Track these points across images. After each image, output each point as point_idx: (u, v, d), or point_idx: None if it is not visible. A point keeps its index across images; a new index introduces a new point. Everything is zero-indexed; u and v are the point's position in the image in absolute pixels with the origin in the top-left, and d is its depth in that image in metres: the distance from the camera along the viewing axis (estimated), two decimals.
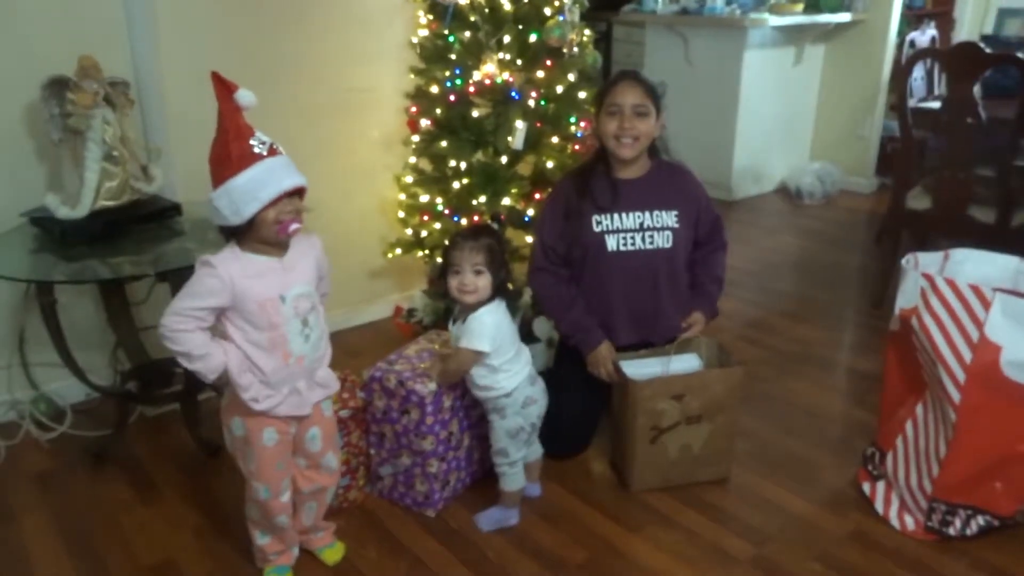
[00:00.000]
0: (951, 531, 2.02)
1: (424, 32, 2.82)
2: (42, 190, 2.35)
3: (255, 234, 1.64)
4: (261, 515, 1.83)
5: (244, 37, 2.68)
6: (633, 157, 2.24)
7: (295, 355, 1.70)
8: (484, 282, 1.95)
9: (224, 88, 1.61)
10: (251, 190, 1.58)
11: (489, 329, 1.94)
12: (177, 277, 2.03)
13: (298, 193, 1.67)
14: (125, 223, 2.30)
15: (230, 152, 1.60)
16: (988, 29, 5.36)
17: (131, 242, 2.26)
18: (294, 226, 1.65)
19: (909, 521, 2.07)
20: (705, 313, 2.35)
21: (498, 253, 1.97)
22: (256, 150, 1.61)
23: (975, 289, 1.90)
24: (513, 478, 2.08)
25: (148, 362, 2.52)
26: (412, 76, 2.86)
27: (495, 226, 2.06)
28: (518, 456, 2.07)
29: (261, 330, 1.65)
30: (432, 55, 2.81)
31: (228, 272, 1.61)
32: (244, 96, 1.61)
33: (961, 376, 1.89)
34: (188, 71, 2.55)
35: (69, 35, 2.37)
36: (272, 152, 1.63)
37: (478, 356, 1.96)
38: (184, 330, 1.61)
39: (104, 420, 2.51)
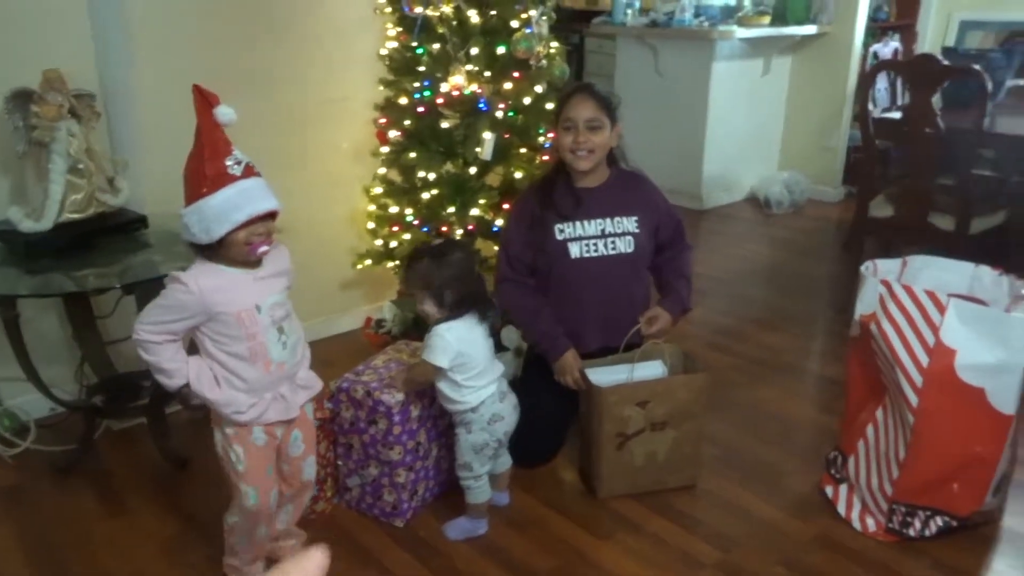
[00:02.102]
0: (911, 532, 2.05)
1: (393, 44, 2.84)
2: (5, 203, 2.33)
3: (224, 252, 1.64)
4: (244, 527, 1.81)
5: (214, 49, 2.68)
6: (589, 169, 2.28)
7: (276, 362, 1.71)
8: (428, 307, 1.98)
9: (204, 102, 1.60)
10: (223, 212, 1.58)
11: (447, 345, 1.94)
12: (143, 290, 2.02)
13: (272, 215, 1.67)
14: (91, 236, 2.29)
15: (204, 171, 1.59)
16: (950, 41, 5.48)
17: (97, 255, 2.25)
18: (263, 248, 1.66)
19: (871, 523, 2.11)
20: (671, 310, 2.38)
21: (432, 276, 1.96)
22: (231, 171, 1.61)
23: (931, 295, 1.95)
24: (478, 492, 2.08)
25: (114, 375, 2.50)
26: (381, 87, 2.87)
27: (435, 243, 2.05)
28: (482, 471, 2.07)
29: (240, 341, 1.65)
30: (401, 67, 2.83)
31: (200, 287, 1.61)
32: (224, 113, 1.61)
33: (919, 380, 1.93)
34: (156, 83, 2.55)
35: (35, 47, 2.36)
36: (248, 173, 1.63)
37: (437, 371, 1.96)
38: (153, 342, 1.63)
39: (70, 434, 2.48)
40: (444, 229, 2.71)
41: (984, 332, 1.90)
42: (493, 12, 2.72)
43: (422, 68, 2.77)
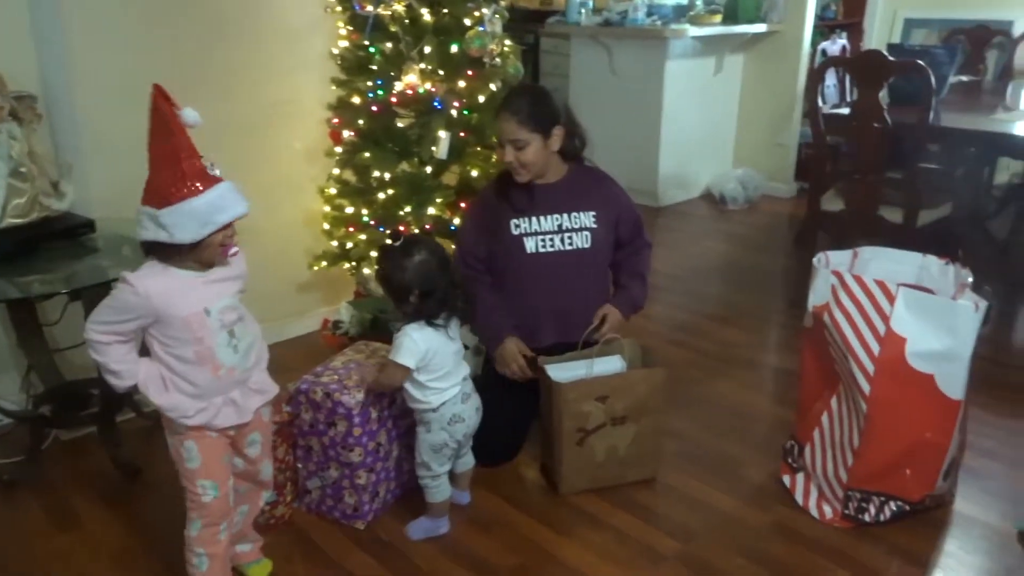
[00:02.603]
0: (866, 518, 2.09)
1: (345, 43, 2.81)
2: None
3: (196, 254, 1.61)
4: (205, 534, 1.74)
5: (158, 51, 2.62)
6: (527, 181, 2.28)
7: (225, 367, 1.67)
8: (394, 307, 2.00)
9: (168, 103, 1.57)
10: (209, 212, 1.56)
11: (416, 345, 1.93)
12: (91, 295, 1.97)
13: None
14: (35, 241, 2.23)
15: (183, 171, 1.55)
16: (896, 38, 5.62)
17: (42, 260, 2.19)
18: (234, 249, 1.67)
19: (827, 510, 2.14)
20: (621, 309, 2.38)
21: (387, 280, 1.97)
22: (211, 172, 1.59)
23: (881, 284, 1.99)
24: (436, 491, 2.07)
25: (63, 384, 2.43)
26: (334, 87, 2.84)
27: (391, 244, 2.02)
28: (441, 470, 2.06)
29: (187, 344, 1.62)
30: (353, 66, 2.80)
31: (147, 289, 1.58)
32: (189, 115, 1.58)
33: (871, 368, 1.97)
34: (101, 85, 2.49)
35: None
36: (220, 177, 1.62)
37: (404, 370, 1.95)
38: (102, 342, 1.60)
39: (17, 446, 2.40)
40: (402, 229, 2.69)
41: (932, 320, 1.95)
42: (445, 10, 2.71)
43: (375, 67, 2.74)
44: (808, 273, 2.21)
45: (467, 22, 2.70)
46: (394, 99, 2.70)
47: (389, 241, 2.02)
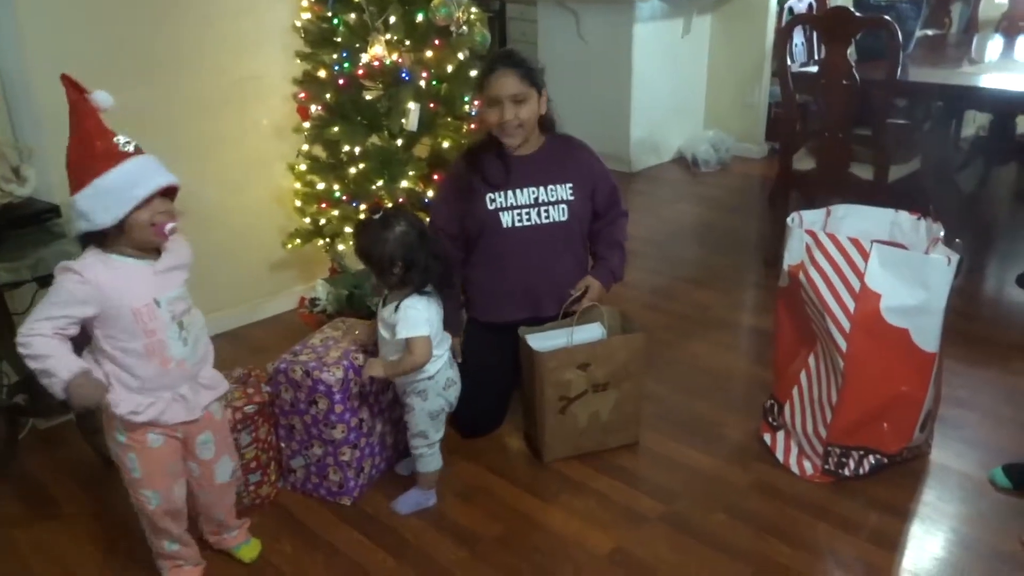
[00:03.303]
0: (846, 472, 2.13)
1: (307, 16, 2.75)
2: None
3: (126, 238, 1.56)
4: (152, 526, 1.76)
5: (118, 29, 2.55)
6: (520, 143, 2.25)
7: (175, 359, 1.63)
8: (375, 280, 2.00)
9: (76, 90, 1.53)
10: (122, 188, 1.51)
11: (421, 313, 1.93)
12: None
13: (169, 194, 1.60)
14: None
15: (95, 151, 1.52)
16: None
17: (6, 248, 2.13)
18: (170, 225, 1.58)
19: (807, 466, 2.18)
20: (601, 279, 2.38)
21: (368, 253, 1.94)
22: (123, 148, 1.54)
23: (855, 242, 2.01)
24: (431, 459, 2.08)
25: (36, 377, 2.39)
26: (299, 61, 2.79)
27: (373, 218, 2.00)
28: (436, 438, 2.07)
29: (136, 337, 1.58)
30: (318, 39, 2.75)
31: (95, 277, 1.53)
32: (101, 97, 1.54)
33: (847, 325, 2.00)
34: (53, 66, 2.39)
35: None
36: (138, 151, 1.57)
37: (428, 341, 1.93)
38: (39, 334, 1.51)
39: None
40: (379, 202, 2.66)
41: (906, 275, 1.97)
42: None
43: (339, 39, 2.69)
44: (782, 233, 2.23)
45: None
46: (361, 71, 2.65)
47: (367, 215, 2.00)
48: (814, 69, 3.50)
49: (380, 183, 2.70)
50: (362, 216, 2.49)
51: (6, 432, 2.30)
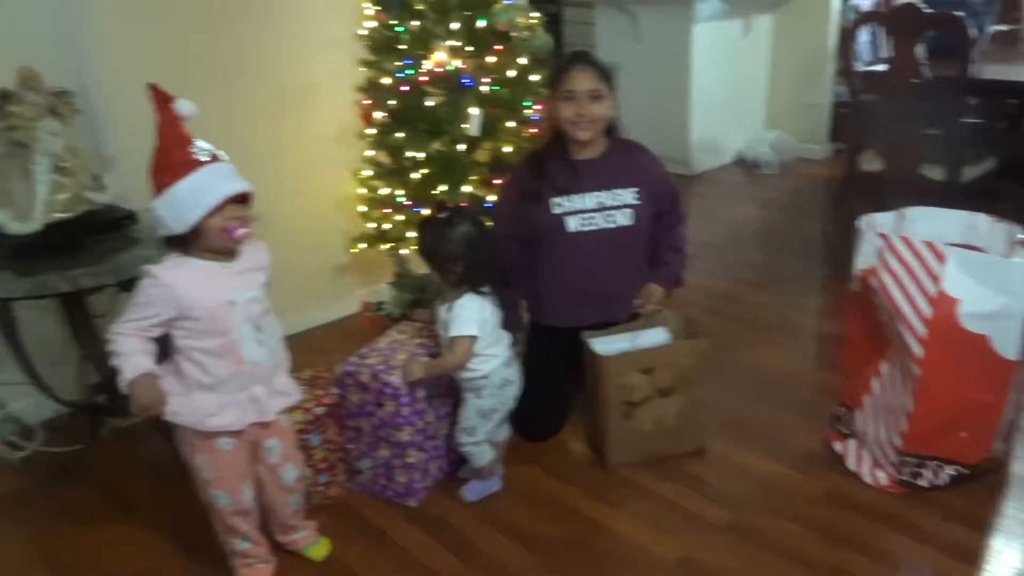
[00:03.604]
0: (922, 483, 2.07)
1: (371, 24, 2.79)
2: None
3: (201, 242, 1.62)
4: (223, 524, 1.81)
5: (187, 37, 2.63)
6: (590, 139, 2.26)
7: (249, 360, 1.68)
8: (436, 278, 2.02)
9: (162, 99, 1.60)
10: (194, 196, 1.57)
11: (474, 314, 1.97)
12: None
13: (244, 200, 1.65)
14: (80, 234, 2.25)
15: (171, 159, 1.59)
16: None
17: (88, 253, 2.21)
18: (241, 230, 1.64)
19: (881, 476, 2.12)
20: (663, 284, 2.37)
21: (432, 251, 1.98)
22: (198, 156, 1.60)
23: (930, 245, 1.95)
24: (480, 455, 2.11)
25: (116, 373, 2.47)
26: (362, 68, 2.83)
27: (440, 216, 2.04)
28: (483, 436, 2.09)
29: (211, 336, 1.63)
30: (381, 46, 2.79)
31: (170, 280, 1.60)
32: (184, 106, 1.60)
33: (922, 331, 1.94)
34: (132, 75, 2.48)
35: (8, 46, 2.31)
36: (215, 159, 1.63)
37: (472, 342, 1.97)
38: (121, 332, 1.61)
39: (76, 435, 2.47)
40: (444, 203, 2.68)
41: (985, 279, 1.91)
42: None
43: (403, 46, 2.73)
44: (847, 236, 2.18)
45: None
46: (423, 78, 2.68)
47: (432, 213, 2.03)
48: (882, 68, 3.42)
49: (442, 188, 2.72)
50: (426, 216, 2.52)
51: (87, 430, 2.39)
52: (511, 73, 2.73)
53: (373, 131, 2.84)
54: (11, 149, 2.17)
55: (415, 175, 2.76)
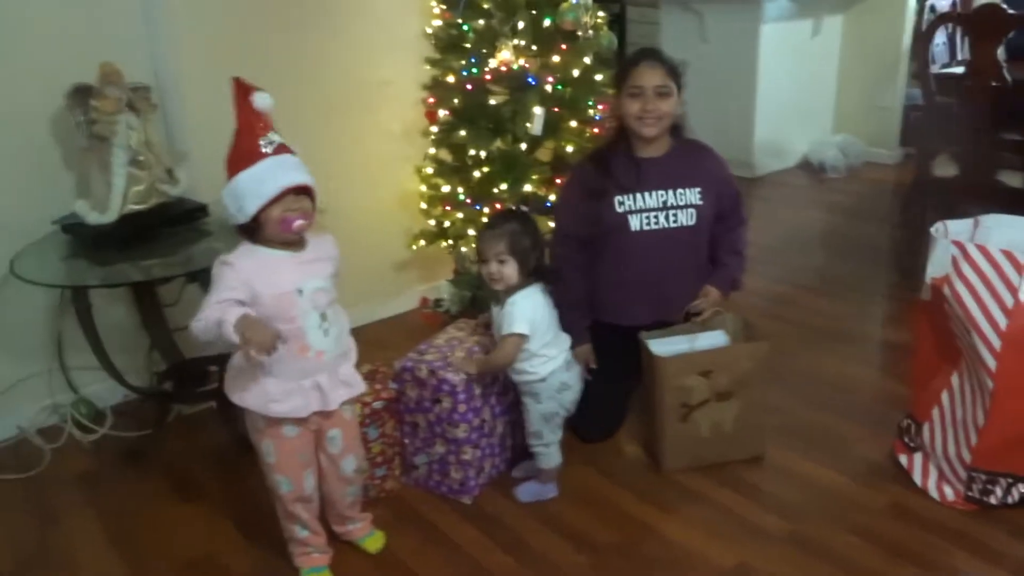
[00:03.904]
0: (992, 500, 2.00)
1: (438, 22, 2.82)
2: (72, 197, 2.39)
3: (262, 232, 1.66)
4: (283, 509, 1.85)
5: (259, 36, 2.69)
6: (655, 136, 2.24)
7: (314, 348, 1.70)
8: (509, 270, 1.97)
9: (242, 91, 1.64)
10: (252, 187, 1.61)
11: (526, 312, 1.97)
12: (207, 277, 2.04)
13: (307, 193, 1.68)
14: (154, 226, 2.33)
15: (239, 150, 1.65)
16: None
17: (160, 244, 2.29)
18: (299, 222, 1.66)
19: (949, 492, 2.05)
20: (721, 287, 2.34)
21: (522, 239, 1.98)
22: (263, 149, 1.64)
23: (1008, 255, 1.88)
24: (549, 457, 2.11)
25: (182, 361, 2.56)
26: (428, 67, 2.86)
27: (524, 209, 2.07)
28: (553, 438, 2.10)
29: (277, 323, 1.65)
30: (447, 45, 2.81)
31: (243, 267, 1.64)
32: (260, 98, 1.64)
33: (997, 343, 1.87)
34: (206, 72, 2.57)
35: (91, 42, 2.40)
36: (279, 151, 1.66)
37: (521, 340, 1.98)
38: (204, 311, 1.59)
39: (143, 420, 2.55)
40: (498, 207, 2.69)
41: None
42: None
43: (468, 45, 2.75)
44: (917, 242, 2.13)
45: None
46: (488, 76, 2.70)
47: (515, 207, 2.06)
48: (958, 70, 3.32)
49: (504, 186, 2.73)
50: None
51: (155, 416, 2.47)
52: (575, 72, 2.72)
53: (436, 129, 2.87)
54: (92, 142, 2.26)
55: (476, 173, 2.78)
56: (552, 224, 2.47)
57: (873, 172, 5.07)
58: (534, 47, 2.71)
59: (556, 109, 2.75)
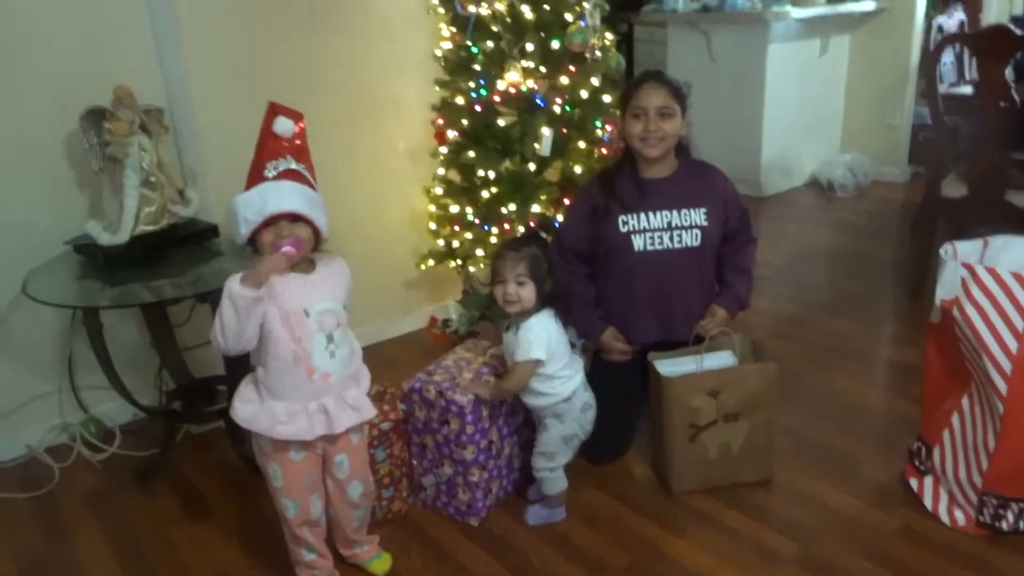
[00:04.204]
0: (1003, 525, 1.98)
1: (447, 44, 2.84)
2: (84, 217, 2.41)
3: (257, 254, 1.68)
4: (289, 532, 1.85)
5: (270, 58, 2.72)
6: (658, 156, 2.25)
7: (320, 371, 1.70)
8: (527, 292, 1.97)
9: (270, 113, 1.68)
10: (242, 210, 1.64)
11: (542, 337, 1.97)
12: (217, 297, 2.06)
13: (304, 221, 1.67)
14: (165, 246, 2.35)
15: (250, 172, 1.68)
16: (1017, 10, 5.27)
17: (171, 265, 2.31)
18: (285, 248, 1.64)
19: (959, 516, 2.04)
20: (728, 307, 2.35)
21: (542, 263, 1.99)
22: (265, 173, 1.65)
23: (1018, 277, 1.87)
24: (554, 482, 2.10)
25: (191, 381, 2.57)
26: (437, 88, 2.88)
27: (542, 235, 2.09)
28: (561, 462, 2.09)
29: (285, 343, 1.67)
30: (456, 66, 2.83)
31: None
32: (280, 123, 1.67)
33: (1007, 366, 1.86)
34: (217, 95, 2.61)
35: (104, 65, 2.44)
36: (283, 176, 1.66)
37: (536, 366, 1.97)
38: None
39: (152, 439, 2.56)
40: (507, 227, 2.70)
41: None
42: (546, 6, 2.70)
43: (477, 67, 2.76)
44: (925, 262, 2.11)
45: (568, 17, 2.69)
46: (496, 98, 2.71)
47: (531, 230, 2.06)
48: (966, 90, 3.32)
49: (512, 207, 2.74)
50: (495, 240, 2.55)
51: (164, 435, 2.47)
52: (583, 93, 2.74)
53: (445, 149, 2.89)
54: (105, 164, 2.29)
55: (485, 193, 2.79)
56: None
57: (882, 191, 5.07)
58: (542, 68, 2.72)
59: (564, 130, 2.76)
